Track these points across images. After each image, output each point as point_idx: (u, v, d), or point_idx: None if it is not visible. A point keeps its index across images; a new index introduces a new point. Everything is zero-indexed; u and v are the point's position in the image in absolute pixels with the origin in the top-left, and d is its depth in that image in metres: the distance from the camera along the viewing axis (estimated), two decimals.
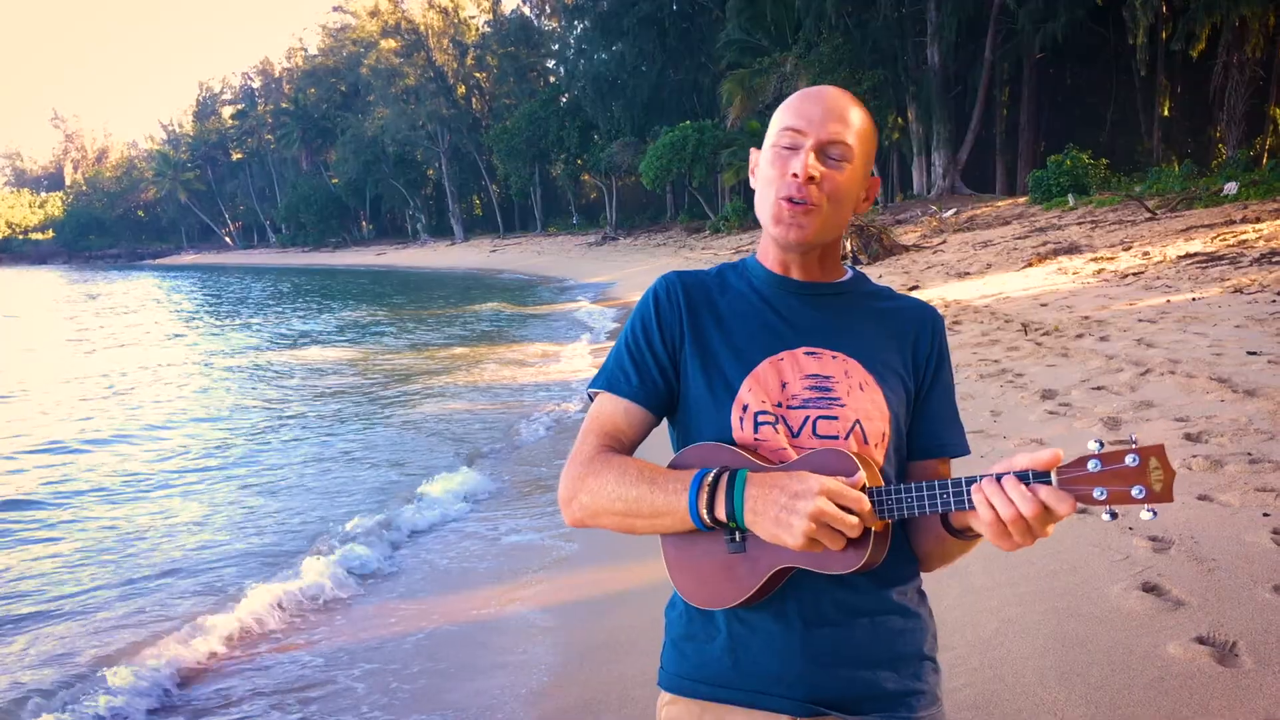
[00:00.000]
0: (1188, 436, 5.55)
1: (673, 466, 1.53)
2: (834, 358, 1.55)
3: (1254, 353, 7.32)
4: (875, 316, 1.62)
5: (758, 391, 1.52)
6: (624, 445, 1.59)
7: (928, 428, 1.61)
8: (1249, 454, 5.08)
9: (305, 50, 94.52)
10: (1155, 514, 1.26)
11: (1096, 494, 1.28)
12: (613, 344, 1.67)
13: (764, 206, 1.56)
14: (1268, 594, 3.57)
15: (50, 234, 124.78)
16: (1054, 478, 1.31)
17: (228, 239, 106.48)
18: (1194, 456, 5.15)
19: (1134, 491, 1.26)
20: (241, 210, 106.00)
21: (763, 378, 1.53)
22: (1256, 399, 6.05)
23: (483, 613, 5.06)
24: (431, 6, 72.80)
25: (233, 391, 13.82)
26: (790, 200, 1.50)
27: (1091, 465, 1.29)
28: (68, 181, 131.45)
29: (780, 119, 1.55)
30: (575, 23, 58.11)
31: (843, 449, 1.45)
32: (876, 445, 1.52)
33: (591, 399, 1.65)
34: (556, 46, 66.73)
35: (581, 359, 15.12)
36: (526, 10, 71.03)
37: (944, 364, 1.65)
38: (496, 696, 4.02)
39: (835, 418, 1.51)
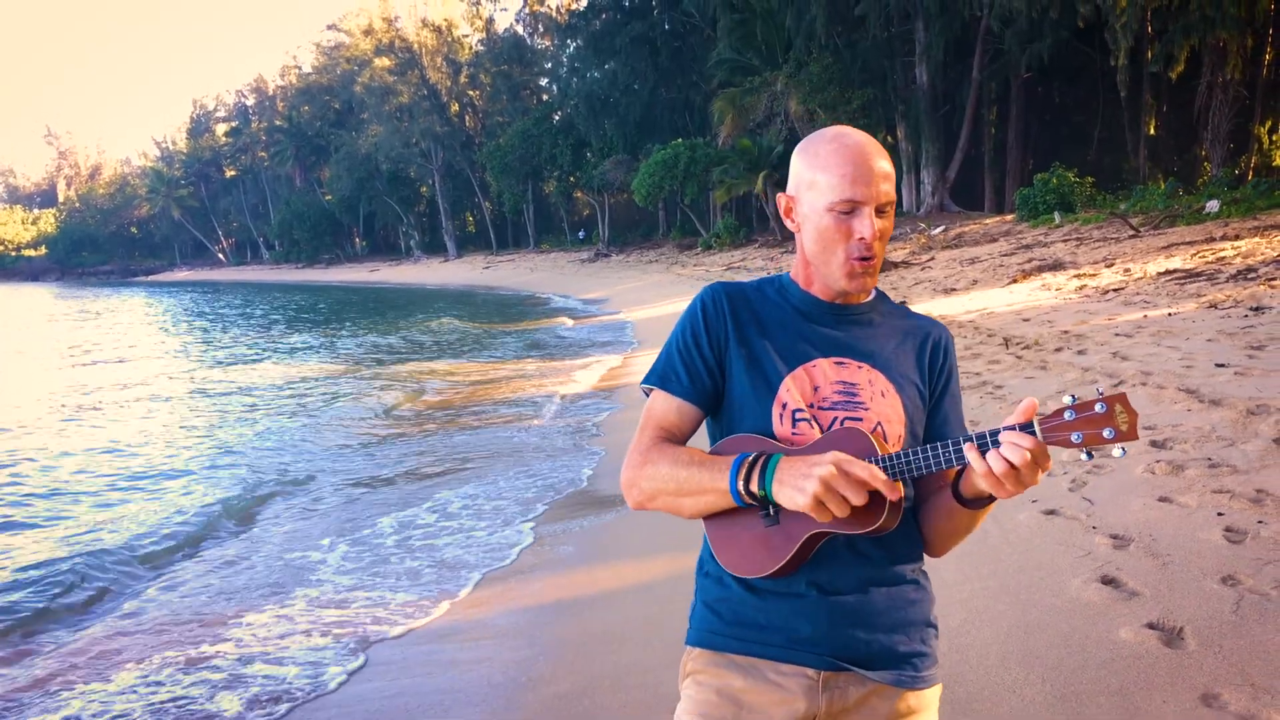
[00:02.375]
0: (1153, 444, 5.83)
1: (717, 452, 1.75)
2: (859, 368, 1.77)
3: (1222, 365, 7.61)
4: (895, 333, 1.84)
5: (794, 392, 1.73)
6: (676, 439, 1.80)
7: (938, 433, 1.82)
8: (1209, 459, 5.36)
9: (299, 68, 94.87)
10: (1124, 451, 1.50)
11: (1074, 438, 1.50)
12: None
13: (830, 260, 1.75)
14: (1215, 585, 3.85)
15: (43, 250, 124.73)
16: (1037, 428, 1.51)
17: (221, 255, 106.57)
18: (1157, 462, 5.43)
19: (1105, 433, 1.48)
20: (235, 227, 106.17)
21: (799, 380, 1.74)
22: (1221, 408, 6.33)
23: (486, 609, 5.31)
24: (425, 25, 73.22)
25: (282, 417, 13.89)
26: (862, 259, 1.72)
27: (1068, 415, 1.51)
28: (60, 198, 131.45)
29: (835, 188, 1.70)
30: (568, 41, 58.62)
31: (857, 428, 1.67)
32: (894, 445, 1.72)
33: (645, 394, 1.86)
34: (549, 65, 67.29)
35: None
36: (519, 29, 71.58)
37: (953, 377, 1.87)
38: (498, 683, 4.27)
39: (860, 419, 1.72)
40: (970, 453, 1.54)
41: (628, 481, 1.76)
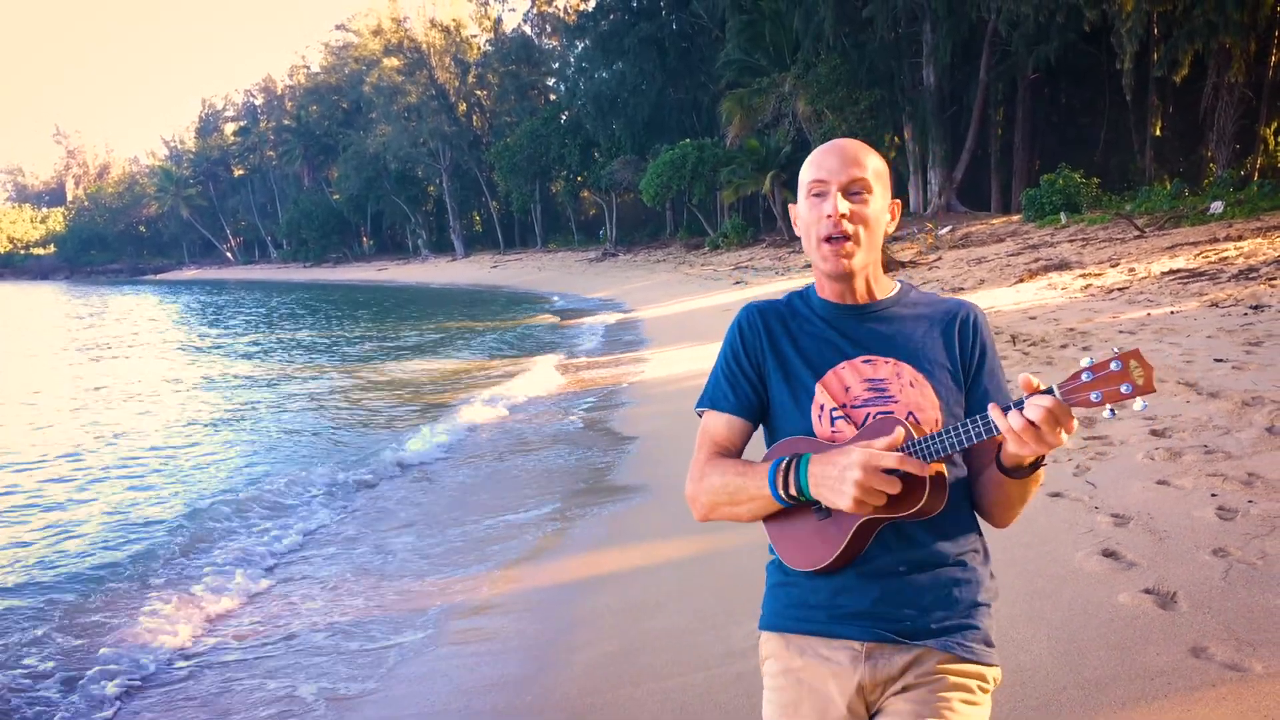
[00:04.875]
0: (1153, 433, 6.18)
1: (766, 458, 1.87)
2: (886, 363, 1.85)
3: (1220, 360, 7.95)
4: (921, 322, 1.91)
5: (828, 395, 1.85)
6: (730, 451, 1.94)
7: (980, 408, 1.82)
8: (1205, 446, 5.70)
9: (308, 68, 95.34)
10: (1145, 405, 1.52)
11: (1093, 397, 1.53)
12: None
13: (810, 248, 1.89)
14: (1207, 556, 4.19)
15: (52, 249, 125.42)
16: (1057, 391, 1.57)
17: (229, 254, 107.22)
18: (1156, 449, 5.78)
19: (1122, 388, 1.51)
20: (243, 226, 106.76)
21: (830, 384, 1.86)
22: (1218, 400, 6.67)
23: (528, 583, 5.67)
24: (434, 25, 73.60)
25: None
26: (829, 239, 1.83)
27: (1085, 376, 1.54)
28: (69, 197, 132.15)
29: (807, 174, 1.88)
30: (576, 42, 58.96)
31: (890, 418, 1.77)
32: (931, 430, 1.79)
33: (699, 416, 2.01)
34: (557, 65, 67.71)
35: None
36: (527, 29, 71.82)
37: (987, 351, 1.91)
38: (547, 646, 4.63)
39: (890, 412, 1.81)
40: (994, 413, 1.61)
41: (690, 496, 1.92)
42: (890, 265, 21.93)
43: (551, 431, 10.66)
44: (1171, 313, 10.90)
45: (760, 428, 2.01)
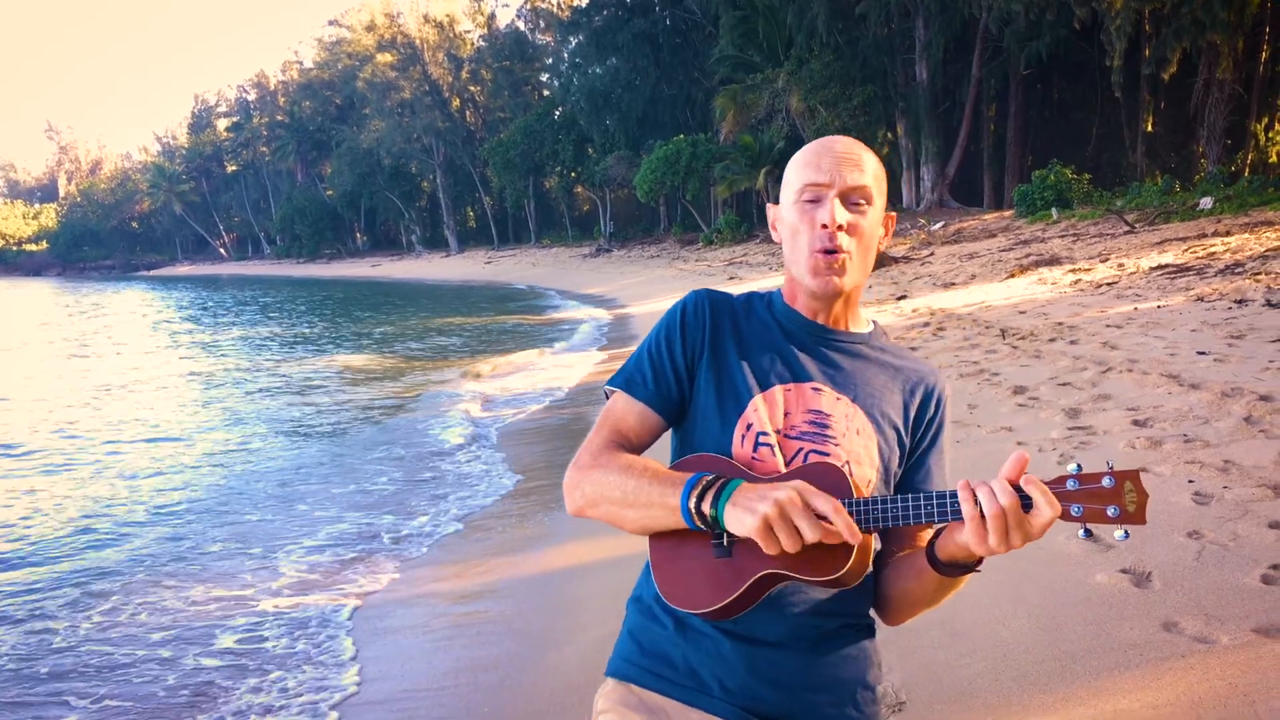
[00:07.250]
0: (1135, 423, 6.36)
1: (679, 467, 1.61)
2: (838, 400, 1.62)
3: (1203, 353, 8.14)
4: (884, 370, 1.68)
5: (762, 414, 1.60)
6: (632, 444, 1.66)
7: (915, 489, 1.65)
8: (1184, 435, 5.89)
9: (301, 63, 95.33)
10: (1127, 535, 1.35)
11: (1073, 510, 1.35)
12: None
13: (797, 259, 1.61)
14: (1182, 538, 4.38)
15: (44, 245, 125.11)
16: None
17: (222, 250, 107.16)
18: (1138, 438, 5.96)
19: (1109, 511, 1.33)
20: (236, 222, 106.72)
21: (770, 402, 1.61)
22: (1199, 391, 6.86)
23: (528, 569, 5.85)
24: (427, 21, 73.67)
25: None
26: (825, 251, 1.56)
27: (1070, 484, 1.36)
28: (61, 193, 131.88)
29: (799, 175, 1.61)
30: (570, 38, 59.11)
31: (833, 465, 1.53)
32: (863, 489, 1.55)
33: (608, 396, 1.72)
34: (551, 61, 67.96)
35: None
36: (521, 25, 72.07)
37: (942, 431, 1.70)
38: (547, 627, 4.80)
39: (827, 454, 1.58)
40: (963, 491, 1.39)
41: (571, 483, 1.62)
42: (883, 261, 22.11)
43: (542, 426, 10.84)
44: (1158, 307, 11.09)
45: (671, 430, 1.74)
